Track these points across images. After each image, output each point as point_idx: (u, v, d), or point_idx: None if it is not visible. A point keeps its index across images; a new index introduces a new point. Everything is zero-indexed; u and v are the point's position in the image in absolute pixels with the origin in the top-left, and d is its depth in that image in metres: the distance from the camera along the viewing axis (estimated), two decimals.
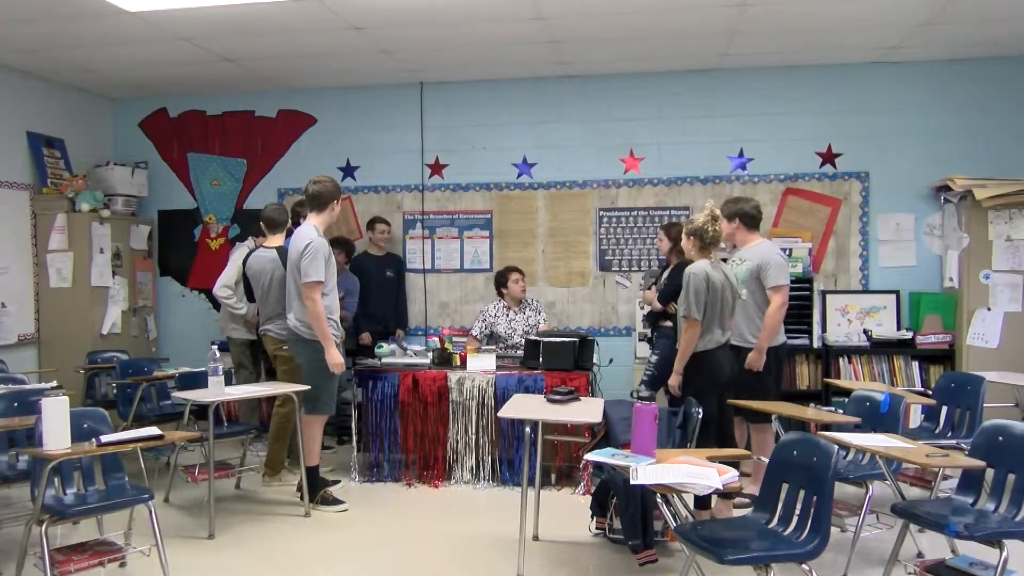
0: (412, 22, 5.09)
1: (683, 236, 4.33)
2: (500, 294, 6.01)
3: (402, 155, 6.75)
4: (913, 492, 4.19)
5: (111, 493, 3.66)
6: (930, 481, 4.01)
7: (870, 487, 3.76)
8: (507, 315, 5.95)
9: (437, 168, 6.73)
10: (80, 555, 3.46)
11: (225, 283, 5.77)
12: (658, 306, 5.15)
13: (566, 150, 6.54)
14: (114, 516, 3.89)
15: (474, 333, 6.01)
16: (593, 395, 5.07)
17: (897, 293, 6.05)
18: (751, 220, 4.74)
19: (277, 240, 5.19)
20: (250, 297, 5.45)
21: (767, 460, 3.28)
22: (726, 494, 3.52)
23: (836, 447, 2.93)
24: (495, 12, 4.93)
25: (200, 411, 4.73)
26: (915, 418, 4.93)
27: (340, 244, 6.00)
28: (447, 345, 5.53)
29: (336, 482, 4.99)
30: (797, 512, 2.95)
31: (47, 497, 3.40)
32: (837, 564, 3.66)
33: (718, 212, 4.28)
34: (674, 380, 4.29)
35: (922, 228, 6.10)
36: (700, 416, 3.81)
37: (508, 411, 4.05)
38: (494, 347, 5.73)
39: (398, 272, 6.56)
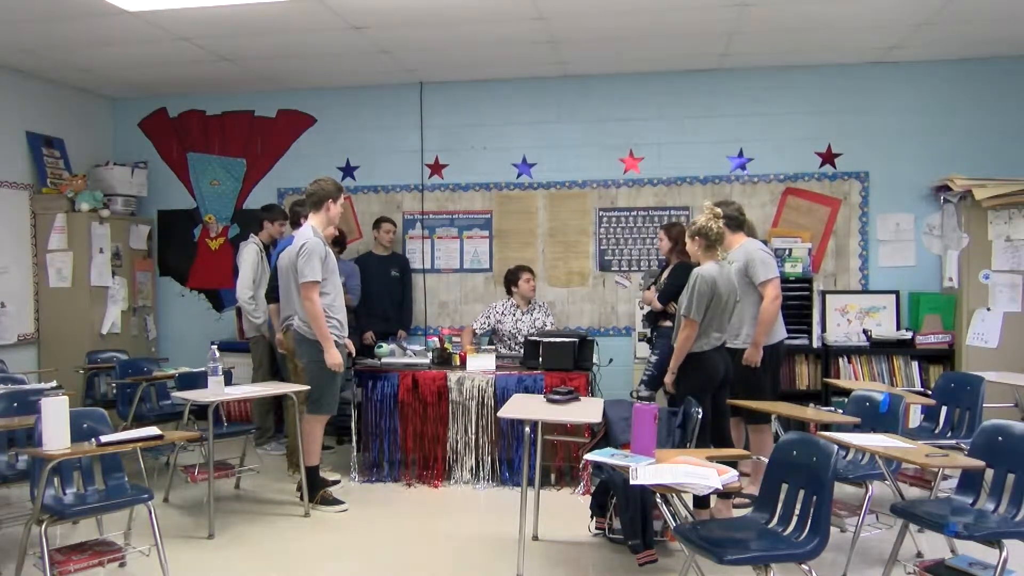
0: (412, 22, 5.09)
1: (687, 239, 4.33)
2: (510, 292, 6.03)
3: (402, 155, 6.75)
4: (913, 492, 4.19)
5: (111, 493, 3.65)
6: (930, 481, 4.01)
7: (870, 487, 3.76)
8: (514, 314, 5.97)
9: (437, 168, 6.73)
10: (80, 555, 3.46)
11: (246, 286, 5.82)
12: (658, 306, 5.16)
13: (566, 150, 6.53)
14: (114, 516, 3.90)
15: (474, 327, 6.02)
16: (593, 395, 5.08)
17: (897, 293, 6.05)
18: (734, 222, 4.72)
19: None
20: (271, 297, 5.40)
21: (766, 460, 3.28)
22: (725, 494, 3.52)
23: (836, 447, 2.93)
24: (495, 12, 4.93)
25: (200, 411, 4.72)
26: (915, 418, 4.92)
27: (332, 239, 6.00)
28: (447, 345, 5.53)
29: (336, 482, 4.99)
30: (797, 512, 2.95)
31: (47, 497, 3.40)
32: (837, 564, 3.66)
33: (719, 210, 4.28)
34: (668, 379, 4.30)
35: (922, 228, 6.10)
36: (699, 416, 3.81)
37: (508, 411, 4.05)
38: (493, 346, 5.74)
39: (403, 272, 6.55)
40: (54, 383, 4.79)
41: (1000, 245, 5.59)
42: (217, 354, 4.51)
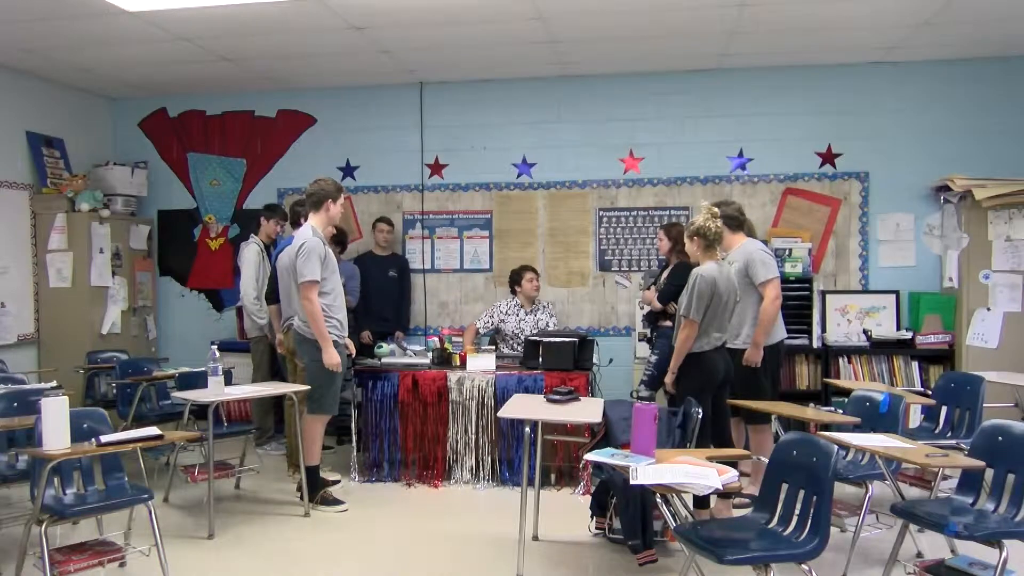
0: (412, 22, 5.09)
1: (686, 239, 4.33)
2: (514, 292, 6.03)
3: (402, 155, 6.75)
4: (913, 492, 4.19)
5: (111, 493, 3.65)
6: (930, 481, 4.01)
7: (870, 487, 3.76)
8: (518, 314, 5.97)
9: (437, 168, 6.73)
10: (80, 555, 3.46)
11: (249, 286, 5.84)
12: (658, 306, 5.15)
13: (566, 150, 6.53)
14: (114, 516, 3.89)
15: (478, 325, 6.02)
16: (593, 395, 5.08)
17: (897, 293, 6.05)
18: (734, 221, 4.71)
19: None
20: (271, 298, 5.35)
21: (767, 460, 3.28)
22: (725, 494, 3.52)
23: (836, 447, 2.93)
24: (495, 12, 4.93)
25: (200, 411, 4.73)
26: (915, 418, 4.92)
27: (333, 237, 5.98)
28: (447, 345, 5.53)
29: (336, 482, 4.99)
30: (797, 512, 2.95)
31: (47, 497, 3.40)
32: (837, 564, 3.66)
33: (716, 209, 4.28)
34: (668, 379, 4.30)
35: (922, 228, 6.10)
36: (699, 416, 3.81)
37: (508, 411, 4.05)
38: (493, 346, 5.74)
39: (402, 272, 6.55)
40: (54, 383, 4.79)
41: (1000, 245, 5.58)
42: (217, 354, 4.51)
